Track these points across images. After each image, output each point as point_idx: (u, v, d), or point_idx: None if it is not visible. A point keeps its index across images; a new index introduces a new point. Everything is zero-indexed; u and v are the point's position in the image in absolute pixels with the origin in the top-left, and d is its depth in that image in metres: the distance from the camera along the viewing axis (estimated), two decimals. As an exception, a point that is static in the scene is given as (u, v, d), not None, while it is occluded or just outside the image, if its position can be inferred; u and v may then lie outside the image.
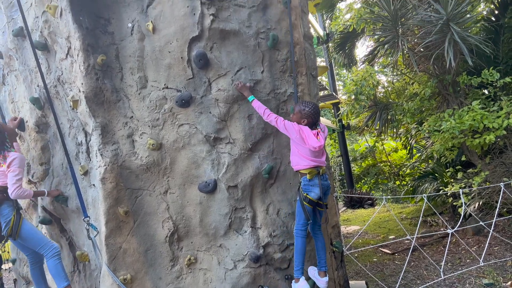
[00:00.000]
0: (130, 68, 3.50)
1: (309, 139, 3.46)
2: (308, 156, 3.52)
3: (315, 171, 3.52)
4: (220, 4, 3.67)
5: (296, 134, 3.49)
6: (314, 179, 3.52)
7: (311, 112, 3.53)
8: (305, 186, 3.53)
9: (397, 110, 6.03)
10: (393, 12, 5.62)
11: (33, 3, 3.55)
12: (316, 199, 3.52)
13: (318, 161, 3.54)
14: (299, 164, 3.56)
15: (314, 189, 3.51)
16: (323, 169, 3.58)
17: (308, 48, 4.33)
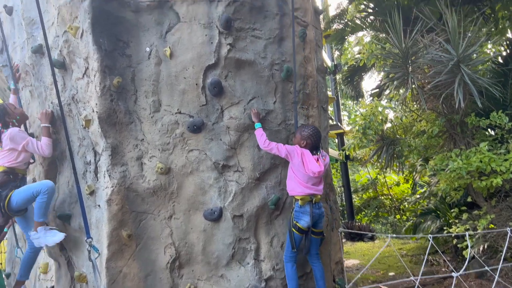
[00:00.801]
0: (145, 91, 3.53)
1: (310, 163, 3.47)
2: (304, 182, 3.50)
3: (307, 198, 3.50)
4: (237, 34, 3.73)
5: (298, 157, 3.49)
6: (306, 207, 3.49)
7: (310, 134, 3.57)
8: (296, 213, 3.51)
9: (404, 146, 6.04)
10: (404, 50, 5.70)
11: (55, 22, 3.62)
12: (306, 227, 3.48)
13: (314, 189, 3.51)
14: (294, 190, 3.55)
15: (304, 217, 3.48)
16: (317, 198, 3.55)
17: (320, 81, 4.38)
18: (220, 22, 3.63)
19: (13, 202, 3.42)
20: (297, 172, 3.52)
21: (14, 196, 3.43)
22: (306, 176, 3.48)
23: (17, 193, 3.45)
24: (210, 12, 3.65)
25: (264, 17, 3.88)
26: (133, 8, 3.51)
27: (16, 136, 3.53)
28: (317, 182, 3.56)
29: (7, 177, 3.51)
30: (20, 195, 3.43)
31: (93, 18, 3.30)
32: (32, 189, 3.41)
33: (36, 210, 3.40)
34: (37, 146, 3.59)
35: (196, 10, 3.62)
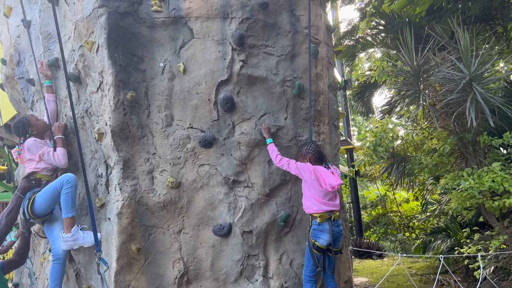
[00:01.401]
0: (158, 106, 3.57)
1: (327, 178, 3.43)
2: (321, 198, 3.46)
3: (326, 216, 3.44)
4: (250, 51, 3.77)
5: (310, 174, 3.46)
6: (325, 224, 3.43)
7: (309, 149, 3.60)
8: (314, 231, 3.45)
9: (414, 164, 5.99)
10: (416, 68, 5.69)
11: (71, 36, 3.69)
12: (325, 245, 3.44)
13: (331, 205, 3.46)
14: (310, 208, 3.50)
15: (323, 235, 3.43)
16: (336, 215, 3.48)
17: (332, 98, 4.39)
18: (233, 38, 3.67)
19: (37, 204, 3.43)
20: (312, 189, 3.48)
21: (37, 197, 3.46)
22: (322, 192, 3.45)
23: (39, 194, 3.48)
24: (224, 29, 3.69)
25: (277, 34, 3.92)
26: (148, 24, 3.57)
27: (31, 146, 3.60)
28: (333, 197, 3.51)
29: (29, 182, 3.57)
30: (43, 195, 3.46)
31: (109, 34, 3.36)
32: (53, 185, 3.43)
33: (63, 205, 3.37)
34: (53, 156, 3.63)
35: (210, 27, 3.67)
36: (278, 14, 3.94)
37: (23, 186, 3.54)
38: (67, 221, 3.39)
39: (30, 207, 3.45)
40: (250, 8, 3.75)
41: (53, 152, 3.64)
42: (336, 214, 3.50)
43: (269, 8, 3.85)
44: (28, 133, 3.70)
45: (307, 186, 3.51)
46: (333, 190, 3.43)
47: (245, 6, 3.73)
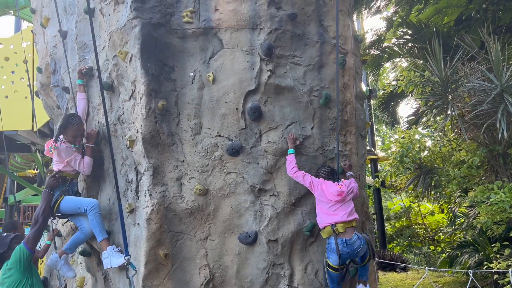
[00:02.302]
0: (187, 114, 3.65)
1: (329, 187, 3.49)
2: (326, 209, 3.47)
3: (329, 230, 3.41)
4: (278, 61, 3.81)
5: (319, 188, 3.53)
6: (331, 242, 3.40)
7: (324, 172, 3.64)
8: (327, 250, 3.47)
9: (442, 176, 5.89)
10: (444, 78, 5.63)
11: (106, 46, 3.82)
12: (335, 265, 3.38)
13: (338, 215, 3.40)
14: (320, 223, 3.53)
15: (331, 255, 3.41)
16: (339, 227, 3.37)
17: (358, 108, 4.38)
18: (261, 49, 3.73)
19: (62, 207, 3.67)
20: (319, 202, 3.55)
21: (63, 203, 3.67)
22: (327, 204, 3.48)
23: (66, 201, 3.68)
24: (253, 40, 3.76)
25: (305, 44, 3.95)
26: (179, 35, 3.67)
27: (61, 152, 3.76)
28: (342, 208, 3.47)
29: (56, 180, 3.73)
30: (69, 205, 3.67)
31: (142, 44, 3.47)
32: (79, 203, 3.64)
33: (94, 230, 3.59)
34: (79, 164, 3.78)
35: (239, 38, 3.74)
36: (306, 24, 3.98)
37: (51, 184, 3.73)
38: (103, 244, 3.59)
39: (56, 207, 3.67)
40: (279, 19, 3.81)
41: (80, 160, 3.79)
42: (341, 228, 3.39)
43: (298, 19, 3.89)
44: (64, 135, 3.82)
45: (318, 203, 3.57)
46: (335, 198, 3.44)
47: (274, 17, 3.79)
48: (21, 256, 3.43)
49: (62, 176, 3.79)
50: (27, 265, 3.48)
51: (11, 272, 3.41)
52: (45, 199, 3.68)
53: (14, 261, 3.43)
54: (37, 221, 3.56)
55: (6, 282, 3.38)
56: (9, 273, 3.41)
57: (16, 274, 3.39)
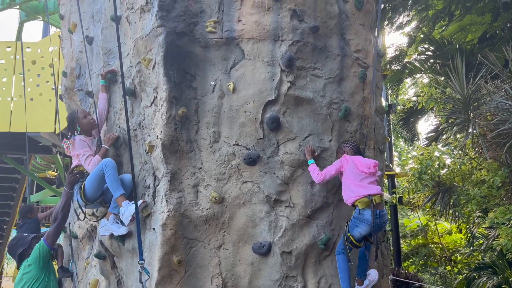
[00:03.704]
0: (207, 122, 3.68)
1: (362, 160, 3.52)
2: (358, 182, 3.44)
3: (367, 200, 3.37)
4: (298, 72, 3.83)
5: (347, 163, 3.52)
6: (365, 213, 3.35)
7: (350, 145, 3.71)
8: (353, 220, 3.42)
9: (461, 195, 5.76)
10: (466, 96, 5.55)
11: (130, 53, 3.91)
12: (360, 237, 3.38)
13: (371, 188, 3.40)
14: (350, 197, 3.46)
15: (362, 225, 3.36)
16: (377, 197, 3.39)
17: (378, 123, 4.35)
18: (282, 60, 3.75)
19: (87, 189, 3.73)
20: (350, 175, 3.49)
21: (85, 184, 3.73)
22: (360, 176, 3.45)
23: (86, 181, 3.75)
24: (274, 51, 3.79)
25: (326, 57, 3.96)
26: (202, 44, 3.72)
27: (76, 144, 3.85)
28: (374, 182, 3.48)
29: (74, 177, 3.80)
30: (89, 181, 3.73)
31: (165, 52, 3.54)
32: (95, 171, 3.68)
33: (110, 188, 3.65)
34: (85, 161, 3.81)
35: (260, 48, 3.77)
36: (328, 37, 4.00)
37: (69, 181, 3.80)
38: (119, 200, 3.63)
39: (83, 193, 3.75)
40: (301, 31, 3.83)
41: (88, 157, 3.81)
42: (378, 199, 3.40)
43: (319, 32, 3.91)
44: (76, 129, 3.92)
45: (346, 175, 3.53)
46: (369, 170, 3.44)
47: (296, 29, 3.82)
48: (40, 252, 3.50)
49: (79, 171, 3.85)
50: (45, 261, 3.55)
51: (30, 268, 3.49)
52: (64, 196, 3.76)
53: (34, 258, 3.51)
54: (56, 218, 3.62)
55: (25, 278, 3.45)
56: (28, 269, 3.49)
57: (35, 271, 3.46)
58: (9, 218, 10.17)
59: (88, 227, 4.70)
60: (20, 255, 3.67)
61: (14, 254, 3.74)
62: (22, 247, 3.70)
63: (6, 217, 10.15)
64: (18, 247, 3.71)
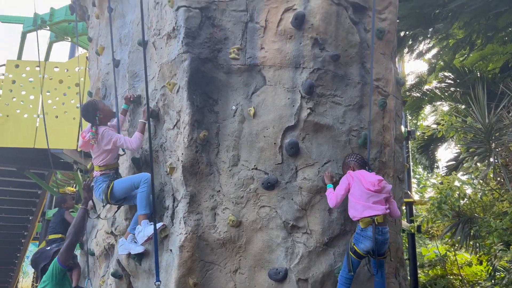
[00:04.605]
0: (227, 146, 3.74)
1: (367, 176, 3.47)
2: (364, 201, 3.38)
3: (368, 220, 3.33)
4: (318, 99, 3.88)
5: (353, 180, 3.48)
6: (368, 230, 3.32)
7: (354, 159, 3.67)
8: (356, 235, 3.40)
9: (482, 226, 5.62)
10: (488, 125, 5.49)
11: (155, 77, 4.04)
12: (364, 252, 3.34)
13: (375, 209, 3.34)
14: (355, 217, 3.43)
15: (365, 241, 3.34)
16: (379, 218, 3.33)
17: (397, 151, 4.34)
18: (303, 87, 3.81)
19: (115, 190, 3.77)
20: (356, 194, 3.45)
21: (116, 186, 3.77)
22: (365, 194, 3.41)
23: (118, 183, 3.79)
24: (295, 78, 3.86)
25: (346, 85, 4.01)
26: (225, 70, 3.82)
27: (103, 135, 3.80)
28: (380, 201, 3.43)
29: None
30: (121, 185, 3.77)
31: (190, 77, 3.64)
32: (131, 180, 3.73)
33: (138, 203, 3.68)
34: (126, 140, 3.79)
35: (282, 75, 3.85)
36: (349, 66, 4.05)
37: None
38: (141, 218, 3.66)
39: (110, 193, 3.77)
40: (322, 59, 3.90)
41: (125, 138, 3.81)
42: (379, 217, 3.35)
43: (340, 60, 3.97)
44: (96, 116, 3.86)
45: (351, 193, 3.50)
46: (374, 188, 3.39)
47: (317, 57, 3.89)
48: (53, 270, 3.50)
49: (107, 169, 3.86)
50: (59, 279, 3.53)
51: (45, 284, 3.50)
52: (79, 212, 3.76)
53: (48, 275, 3.52)
54: (69, 235, 3.64)
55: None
56: (43, 284, 3.50)
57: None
58: (27, 232, 10.32)
59: (105, 245, 4.75)
60: (42, 269, 3.71)
61: (36, 268, 3.79)
62: (44, 262, 3.73)
63: (25, 231, 10.30)
64: (40, 261, 3.75)
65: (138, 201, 3.69)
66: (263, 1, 3.91)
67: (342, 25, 3.98)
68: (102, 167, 3.88)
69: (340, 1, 3.99)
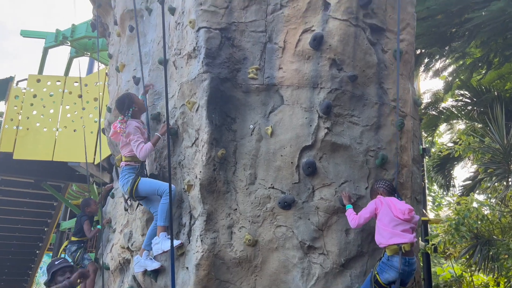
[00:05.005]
0: (244, 164, 3.77)
1: (397, 204, 3.43)
2: (391, 229, 3.33)
3: (395, 248, 3.27)
4: (336, 119, 3.89)
5: (381, 205, 3.44)
6: (394, 260, 3.26)
7: (383, 185, 3.63)
8: (381, 264, 3.34)
9: (501, 249, 5.51)
10: (506, 146, 5.43)
11: (175, 95, 4.11)
12: (388, 282, 3.28)
13: (403, 237, 3.29)
14: (381, 244, 3.39)
15: (390, 271, 3.28)
16: (406, 246, 3.27)
17: (415, 172, 4.31)
18: (320, 107, 3.83)
19: (140, 190, 3.85)
20: (384, 220, 3.40)
21: (140, 184, 3.86)
22: (394, 221, 3.36)
23: (143, 183, 3.87)
24: (312, 98, 3.88)
25: (363, 105, 4.02)
26: (243, 89, 3.87)
27: (131, 128, 3.91)
28: (408, 230, 3.38)
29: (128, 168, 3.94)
30: (146, 186, 3.86)
31: (209, 96, 3.70)
32: (157, 186, 3.78)
33: (159, 214, 3.74)
34: (138, 146, 3.85)
35: (299, 95, 3.88)
36: (366, 86, 4.07)
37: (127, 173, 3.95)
38: (160, 229, 3.72)
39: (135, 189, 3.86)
40: (340, 79, 3.93)
41: (140, 143, 3.86)
42: (408, 247, 3.29)
43: (358, 80, 3.99)
44: (131, 108, 4.00)
45: (379, 218, 3.45)
46: (404, 217, 3.35)
47: (334, 77, 3.92)
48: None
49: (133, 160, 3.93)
50: None
51: None
52: None
53: None
54: None
55: None
56: None
57: None
58: (42, 243, 10.44)
59: (120, 259, 4.79)
60: None
61: None
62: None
63: (40, 242, 10.42)
64: None
65: (159, 212, 3.76)
66: (282, 22, 3.97)
67: (360, 46, 4.01)
68: (128, 158, 3.99)
69: (358, 22, 4.02)
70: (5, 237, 9.72)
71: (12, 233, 9.76)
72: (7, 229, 9.62)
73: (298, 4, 3.97)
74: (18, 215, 9.52)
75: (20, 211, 9.49)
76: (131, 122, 3.97)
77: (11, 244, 9.95)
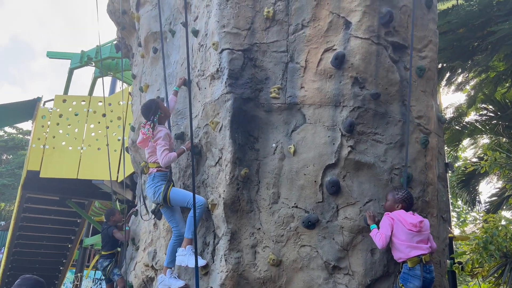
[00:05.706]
0: (267, 183, 3.78)
1: (407, 217, 3.45)
2: (408, 242, 3.39)
3: (416, 259, 3.36)
4: (359, 137, 3.88)
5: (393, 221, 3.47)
6: (416, 270, 3.34)
7: (404, 197, 3.59)
8: (404, 275, 3.38)
9: (532, 269, 5.33)
10: (535, 162, 5.28)
11: (198, 115, 4.18)
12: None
13: (421, 248, 3.38)
14: (401, 258, 3.42)
15: (414, 281, 3.33)
16: (426, 257, 3.37)
17: (441, 190, 4.23)
18: (343, 125, 3.83)
19: (171, 198, 3.90)
20: (399, 235, 3.44)
21: (172, 193, 3.91)
22: (409, 234, 3.42)
23: (175, 192, 3.93)
24: (335, 116, 3.89)
25: (387, 123, 4.00)
26: (266, 109, 3.91)
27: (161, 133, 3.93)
28: (423, 240, 3.45)
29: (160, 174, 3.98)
30: (178, 195, 3.92)
31: (232, 116, 3.75)
32: (189, 197, 3.77)
33: (188, 225, 3.80)
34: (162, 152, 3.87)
35: (321, 113, 3.89)
36: (389, 104, 4.05)
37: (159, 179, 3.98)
38: (187, 241, 3.76)
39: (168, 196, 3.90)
40: (362, 97, 3.92)
41: (165, 150, 3.88)
42: (426, 256, 3.39)
43: (381, 98, 3.98)
44: (158, 114, 4.03)
45: (396, 236, 3.47)
46: (416, 228, 3.41)
47: (357, 95, 3.92)
48: None
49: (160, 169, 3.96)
50: None
51: None
52: None
53: None
54: None
55: None
56: None
57: None
58: (66, 259, 10.60)
59: (143, 277, 4.82)
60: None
61: None
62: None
63: (64, 258, 10.59)
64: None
65: (187, 224, 3.82)
66: (303, 42, 4.01)
67: (382, 64, 4.01)
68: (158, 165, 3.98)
69: (380, 40, 4.03)
70: (31, 253, 9.92)
71: (37, 249, 9.96)
72: (33, 246, 9.82)
73: (320, 24, 4.01)
74: (44, 231, 9.73)
75: (45, 228, 9.70)
76: (161, 128, 4.02)
77: (36, 260, 10.14)
